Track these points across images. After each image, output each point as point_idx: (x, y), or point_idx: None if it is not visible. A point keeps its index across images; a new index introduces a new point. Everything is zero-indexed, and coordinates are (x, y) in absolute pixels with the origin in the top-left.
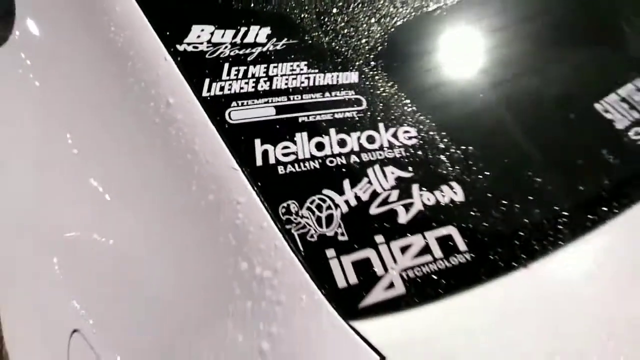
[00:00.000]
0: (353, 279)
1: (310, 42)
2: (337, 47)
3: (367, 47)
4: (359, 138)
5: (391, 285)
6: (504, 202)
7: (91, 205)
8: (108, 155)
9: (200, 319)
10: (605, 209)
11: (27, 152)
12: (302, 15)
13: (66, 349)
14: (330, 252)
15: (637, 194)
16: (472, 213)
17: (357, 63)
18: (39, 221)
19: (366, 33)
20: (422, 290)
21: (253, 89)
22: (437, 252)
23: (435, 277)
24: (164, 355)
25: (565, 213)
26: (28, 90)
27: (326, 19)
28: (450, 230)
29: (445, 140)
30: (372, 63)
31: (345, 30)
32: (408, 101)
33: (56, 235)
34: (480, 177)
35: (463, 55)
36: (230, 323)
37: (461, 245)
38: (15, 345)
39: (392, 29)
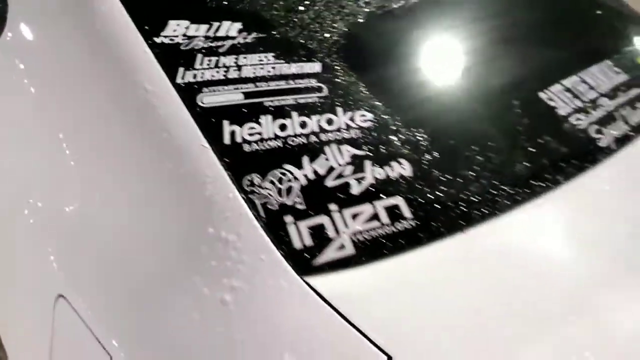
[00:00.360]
0: (308, 241)
1: (278, 36)
2: (303, 41)
3: (330, 41)
4: (319, 120)
5: (342, 246)
6: (447, 177)
7: (76, 178)
8: (93, 136)
9: (172, 275)
10: (541, 184)
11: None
12: (272, 12)
13: (51, 313)
14: (288, 219)
15: (571, 171)
16: (418, 186)
17: (321, 55)
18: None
19: (330, 28)
20: (369, 251)
21: (223, 77)
22: (385, 219)
23: (382, 240)
24: (140, 306)
25: (503, 187)
26: (19, 86)
27: (294, 16)
28: (398, 200)
29: (398, 123)
30: (335, 55)
31: (311, 26)
32: (365, 89)
33: (39, 205)
34: (428, 155)
35: (418, 49)
36: (198, 278)
37: (407, 213)
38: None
39: (355, 25)
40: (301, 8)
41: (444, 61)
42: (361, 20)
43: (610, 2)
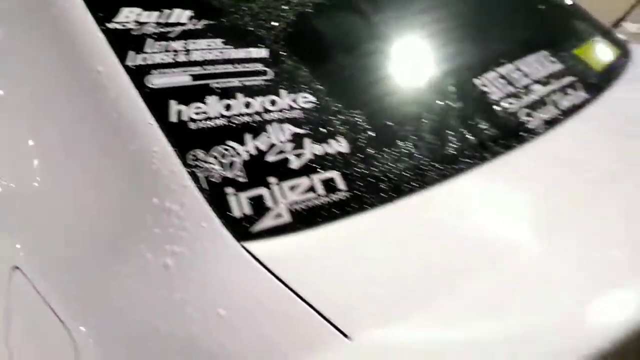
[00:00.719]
0: (248, 210)
1: (227, 23)
2: (252, 28)
3: (278, 29)
4: (262, 102)
5: (279, 215)
6: (381, 154)
7: (32, 155)
8: (48, 114)
9: (119, 243)
10: (469, 160)
11: None
12: (223, 1)
13: (7, 285)
14: (229, 190)
15: (499, 150)
16: (353, 161)
17: (268, 42)
18: None
19: (278, 17)
20: (305, 219)
21: (172, 60)
22: (321, 191)
23: (317, 209)
24: (91, 274)
25: (433, 163)
26: None
27: (243, 4)
28: (334, 174)
29: (338, 105)
30: (282, 42)
31: (260, 15)
32: (308, 73)
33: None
34: (364, 134)
35: (361, 37)
36: (143, 245)
37: (341, 185)
38: None
39: (302, 14)
40: None
41: (385, 49)
42: (309, 10)
43: None
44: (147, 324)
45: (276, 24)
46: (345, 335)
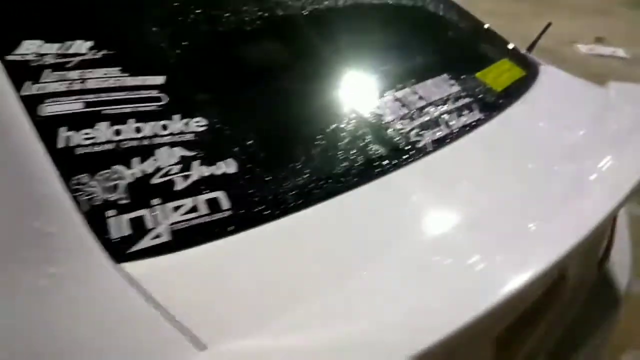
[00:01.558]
0: (127, 232)
1: (126, 52)
2: (150, 56)
3: (177, 56)
4: (153, 126)
5: (159, 235)
6: (269, 175)
7: None
8: None
9: None
10: (353, 180)
11: None
12: (124, 32)
13: None
14: (110, 212)
15: (385, 168)
16: (240, 182)
17: (166, 68)
18: None
19: (177, 44)
20: (185, 238)
21: (66, 89)
22: (204, 210)
23: (198, 228)
24: None
25: (319, 183)
26: None
27: (141, 35)
28: (219, 194)
29: (231, 128)
30: (180, 68)
31: (160, 43)
32: (204, 98)
33: None
34: (254, 157)
35: (258, 63)
36: (19, 266)
37: (225, 205)
38: None
39: (199, 41)
40: (154, 29)
41: (282, 74)
42: (208, 37)
43: (461, 18)
44: (19, 345)
45: (177, 51)
46: (202, 346)
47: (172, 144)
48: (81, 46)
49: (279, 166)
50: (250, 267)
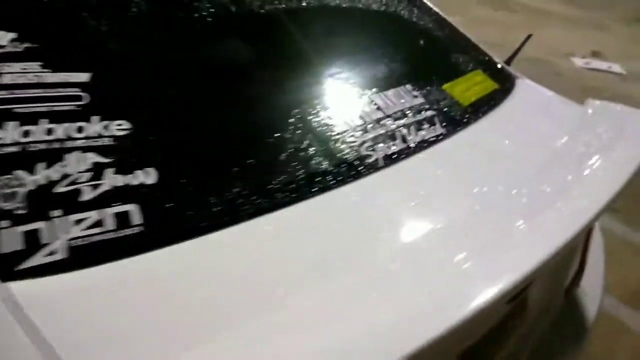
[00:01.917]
0: (19, 246)
1: (51, 46)
2: (76, 51)
3: (105, 52)
4: (67, 128)
5: (54, 252)
6: (190, 187)
7: None
8: None
9: None
10: (295, 195)
11: None
12: (50, 24)
13: None
14: (3, 223)
15: (332, 185)
16: (158, 195)
17: (92, 65)
18: None
19: (106, 40)
20: (83, 256)
21: None
22: (111, 225)
23: (100, 245)
24: None
25: (251, 198)
26: None
27: (70, 28)
28: (131, 207)
29: (157, 134)
30: (108, 66)
31: (89, 38)
32: (131, 99)
33: None
34: (179, 167)
35: (198, 64)
36: None
37: (136, 220)
38: None
39: (132, 37)
40: (85, 22)
41: (222, 76)
42: (142, 33)
43: (435, 24)
44: None
45: (107, 46)
46: None
47: (85, 149)
48: (3, 38)
49: (206, 179)
50: (157, 293)
